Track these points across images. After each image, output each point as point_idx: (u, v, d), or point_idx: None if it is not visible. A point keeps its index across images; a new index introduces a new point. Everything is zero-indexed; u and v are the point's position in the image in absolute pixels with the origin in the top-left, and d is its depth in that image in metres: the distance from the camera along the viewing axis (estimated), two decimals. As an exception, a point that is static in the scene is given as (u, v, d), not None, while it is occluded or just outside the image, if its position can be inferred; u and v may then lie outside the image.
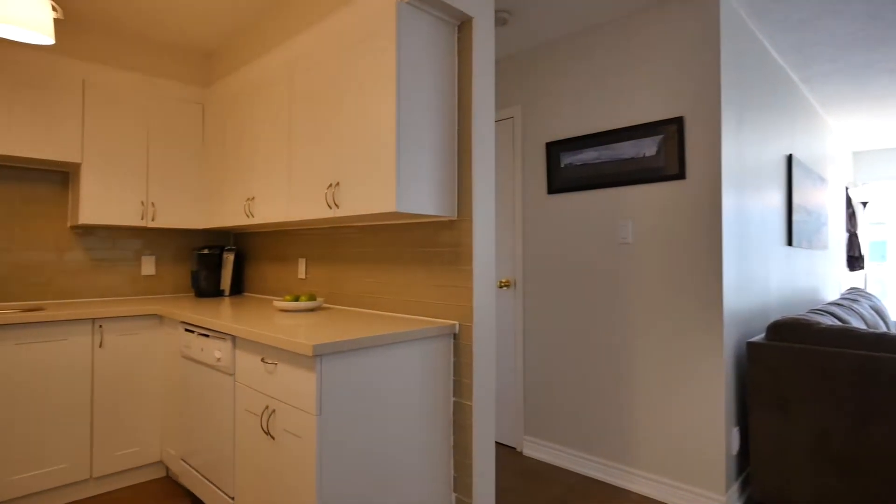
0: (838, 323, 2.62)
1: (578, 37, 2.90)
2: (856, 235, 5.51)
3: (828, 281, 4.56)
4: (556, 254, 2.98)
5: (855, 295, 4.06)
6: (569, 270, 2.92)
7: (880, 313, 3.88)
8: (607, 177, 2.74)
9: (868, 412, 2.09)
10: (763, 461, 2.35)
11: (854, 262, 5.47)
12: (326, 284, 2.78)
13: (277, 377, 1.80)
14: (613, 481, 2.69)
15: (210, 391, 2.24)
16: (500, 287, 3.24)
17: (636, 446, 2.62)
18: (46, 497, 2.41)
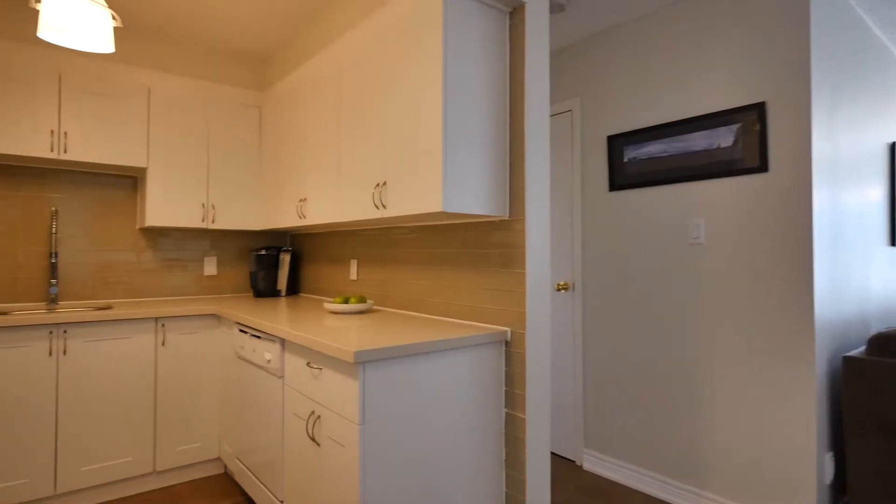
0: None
1: (642, 20, 2.68)
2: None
3: (938, 285, 4.01)
4: (619, 254, 2.78)
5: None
6: (632, 273, 2.71)
7: None
8: (676, 171, 2.52)
9: None
10: (863, 494, 2.05)
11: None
12: (377, 286, 2.74)
13: (322, 382, 1.76)
14: (680, 503, 2.46)
15: (261, 392, 2.24)
16: (558, 290, 3.07)
17: (708, 467, 2.38)
18: (112, 488, 2.52)
